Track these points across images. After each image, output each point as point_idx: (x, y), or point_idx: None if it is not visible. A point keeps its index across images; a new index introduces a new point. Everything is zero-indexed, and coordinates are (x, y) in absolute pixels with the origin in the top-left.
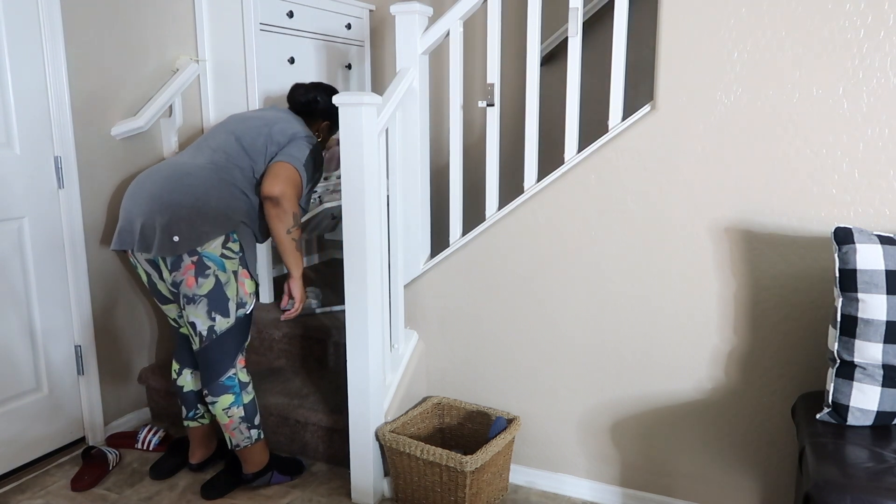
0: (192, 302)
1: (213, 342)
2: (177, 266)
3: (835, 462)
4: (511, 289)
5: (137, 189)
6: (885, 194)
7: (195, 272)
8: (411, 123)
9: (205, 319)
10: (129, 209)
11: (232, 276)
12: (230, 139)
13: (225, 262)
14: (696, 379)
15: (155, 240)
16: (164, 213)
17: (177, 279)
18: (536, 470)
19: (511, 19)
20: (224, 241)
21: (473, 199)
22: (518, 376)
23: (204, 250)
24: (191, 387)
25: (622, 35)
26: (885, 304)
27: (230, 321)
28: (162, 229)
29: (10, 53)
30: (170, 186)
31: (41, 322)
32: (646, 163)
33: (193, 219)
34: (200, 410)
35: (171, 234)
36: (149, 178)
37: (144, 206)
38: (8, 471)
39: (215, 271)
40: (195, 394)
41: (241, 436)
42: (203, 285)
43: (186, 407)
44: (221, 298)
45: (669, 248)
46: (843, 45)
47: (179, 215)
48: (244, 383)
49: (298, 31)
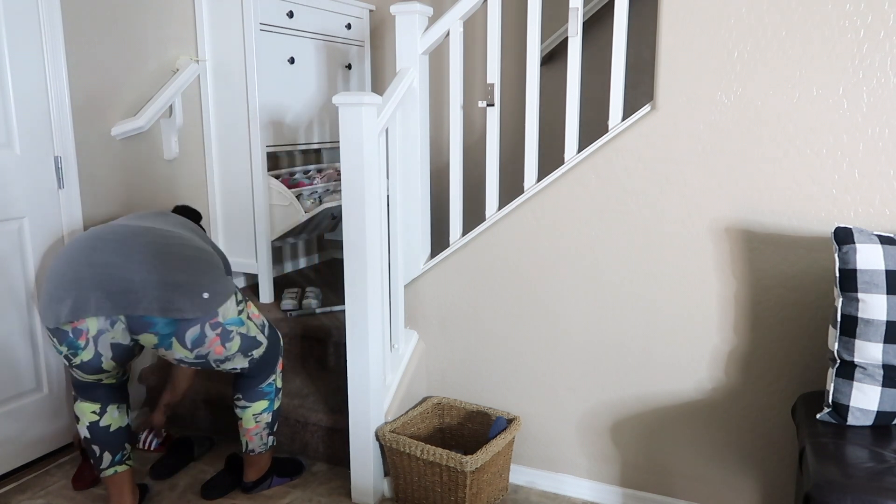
0: (226, 360)
1: (254, 366)
2: (200, 342)
3: (835, 462)
4: (511, 289)
5: (117, 245)
6: (885, 194)
7: (221, 342)
8: (411, 123)
9: (244, 361)
10: (106, 267)
11: (248, 321)
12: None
13: (241, 317)
14: (696, 379)
15: (175, 300)
16: (184, 270)
17: (201, 353)
18: (537, 470)
19: (511, 19)
20: (235, 299)
21: (473, 199)
22: (518, 376)
23: (225, 319)
24: (118, 423)
25: (622, 35)
26: (885, 304)
27: (265, 345)
28: (187, 287)
29: (10, 53)
30: (172, 241)
31: (41, 322)
32: (646, 163)
33: (214, 273)
34: (128, 450)
35: (200, 291)
36: (133, 237)
37: (147, 261)
38: (8, 471)
39: (237, 331)
40: (123, 430)
41: (260, 441)
42: (232, 346)
43: (112, 451)
44: (250, 341)
45: (669, 247)
46: (843, 45)
47: (201, 269)
48: (278, 389)
49: (298, 31)
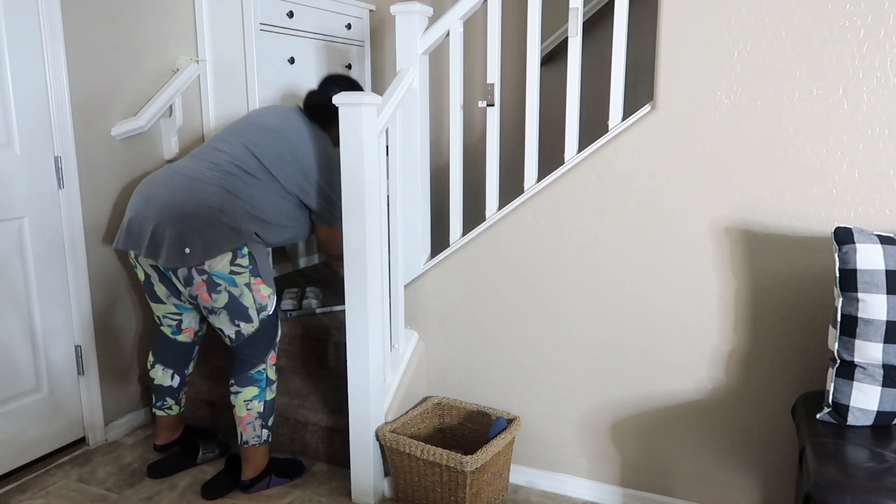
0: (213, 313)
1: (242, 343)
2: (189, 282)
3: (835, 462)
4: (511, 289)
5: (150, 192)
6: (885, 194)
7: (207, 289)
8: (411, 123)
9: (230, 326)
10: (139, 211)
11: (245, 288)
12: (244, 153)
13: (235, 278)
14: (696, 379)
15: (164, 248)
16: (177, 224)
17: (192, 293)
18: (537, 470)
19: (511, 19)
20: (232, 258)
21: (473, 199)
22: (518, 376)
23: (212, 269)
24: (160, 381)
25: (622, 35)
26: (885, 304)
27: (255, 325)
28: (173, 239)
29: (10, 53)
30: (185, 197)
31: (41, 322)
32: (646, 163)
33: (205, 232)
34: (169, 402)
35: (183, 246)
36: (164, 185)
37: (157, 212)
38: (8, 471)
39: (226, 287)
40: (165, 388)
41: (253, 433)
42: (218, 300)
43: (156, 397)
44: (240, 308)
45: (670, 247)
46: (843, 45)
47: (193, 227)
48: (271, 381)
49: (298, 31)
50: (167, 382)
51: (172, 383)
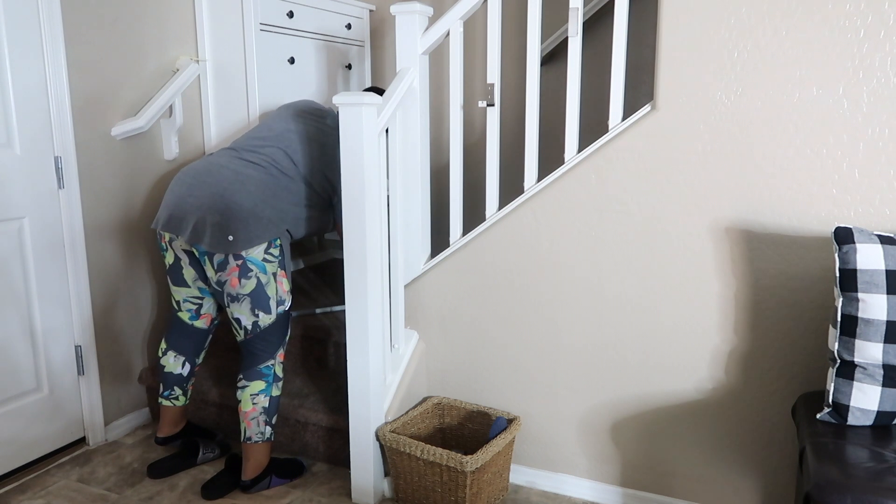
0: (236, 300)
1: (256, 335)
2: (223, 267)
3: (835, 462)
4: (511, 289)
5: (197, 181)
6: (885, 194)
7: (238, 274)
8: (411, 123)
9: (249, 315)
10: (184, 197)
11: (272, 277)
12: (283, 156)
13: (266, 266)
14: (696, 379)
15: (207, 234)
16: (223, 213)
17: (221, 279)
18: (537, 470)
19: (511, 19)
20: (267, 247)
21: (473, 199)
22: (518, 376)
23: (248, 255)
24: (171, 368)
25: (622, 35)
26: (885, 304)
27: (272, 317)
28: (218, 227)
29: (10, 53)
30: (233, 189)
31: (41, 322)
32: (646, 163)
33: (249, 222)
34: (176, 392)
35: (227, 234)
36: (210, 175)
37: (205, 200)
38: (8, 471)
39: (257, 273)
40: (174, 376)
41: (257, 429)
42: (246, 286)
43: (164, 385)
44: (263, 297)
45: (670, 247)
46: (843, 45)
47: (238, 217)
48: (278, 377)
49: (298, 31)
50: (177, 370)
51: (182, 371)
